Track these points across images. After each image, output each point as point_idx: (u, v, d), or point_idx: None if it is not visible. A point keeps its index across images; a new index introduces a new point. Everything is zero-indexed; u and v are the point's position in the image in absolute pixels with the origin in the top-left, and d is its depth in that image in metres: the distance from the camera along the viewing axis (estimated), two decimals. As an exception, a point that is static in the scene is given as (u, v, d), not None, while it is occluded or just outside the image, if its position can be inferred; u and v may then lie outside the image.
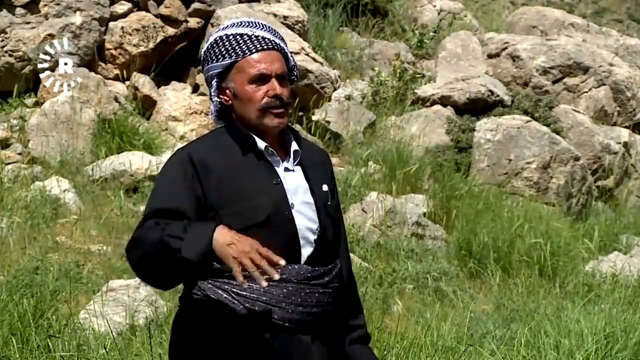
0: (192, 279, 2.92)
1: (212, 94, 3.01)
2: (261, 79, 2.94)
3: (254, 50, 2.95)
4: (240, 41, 2.96)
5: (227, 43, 2.97)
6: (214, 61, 2.98)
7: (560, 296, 7.72)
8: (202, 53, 3.05)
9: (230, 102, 2.99)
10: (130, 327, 6.01)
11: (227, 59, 2.96)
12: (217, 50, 2.98)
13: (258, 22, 3.02)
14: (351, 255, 7.71)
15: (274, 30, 3.04)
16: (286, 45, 3.05)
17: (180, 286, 2.99)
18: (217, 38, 2.99)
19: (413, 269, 7.85)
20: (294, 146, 3.01)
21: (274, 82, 2.94)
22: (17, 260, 6.99)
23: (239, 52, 2.95)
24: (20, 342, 5.33)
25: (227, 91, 2.98)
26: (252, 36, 2.97)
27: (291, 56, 3.06)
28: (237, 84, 2.96)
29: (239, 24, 3.01)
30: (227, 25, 3.02)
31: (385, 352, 5.33)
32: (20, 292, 6.09)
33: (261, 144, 2.95)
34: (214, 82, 3.00)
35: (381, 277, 7.72)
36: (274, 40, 2.99)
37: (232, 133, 2.99)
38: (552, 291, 7.86)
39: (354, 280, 3.20)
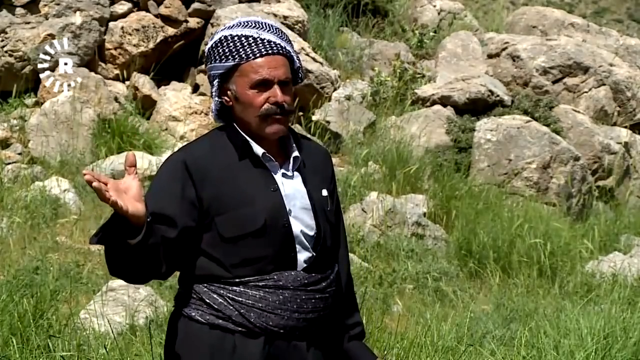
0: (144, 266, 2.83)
1: (213, 93, 2.95)
2: (263, 84, 2.88)
3: (258, 55, 2.88)
4: (245, 43, 2.89)
5: (231, 44, 2.90)
6: (217, 61, 2.92)
7: (560, 296, 7.72)
8: (206, 50, 2.99)
9: (231, 103, 2.93)
10: (130, 327, 6.01)
11: (230, 60, 2.89)
12: (220, 51, 2.91)
13: (265, 23, 2.95)
14: (351, 255, 7.77)
15: (281, 32, 2.97)
16: (292, 47, 2.99)
17: (177, 285, 2.98)
18: (222, 37, 2.92)
19: (413, 269, 7.85)
20: (295, 152, 2.96)
21: (276, 89, 2.89)
22: (17, 260, 7.00)
23: (243, 55, 2.88)
24: (20, 342, 5.33)
25: (229, 92, 2.92)
26: (258, 39, 2.90)
27: (297, 58, 3.01)
28: (238, 87, 2.90)
29: (246, 24, 2.94)
30: (233, 25, 2.95)
31: (385, 352, 5.32)
32: (20, 292, 6.09)
33: (258, 150, 2.90)
34: (215, 82, 2.94)
35: (381, 277, 7.72)
36: (279, 44, 2.92)
37: (229, 136, 2.94)
38: (551, 291, 7.86)
39: (352, 280, 3.17)
